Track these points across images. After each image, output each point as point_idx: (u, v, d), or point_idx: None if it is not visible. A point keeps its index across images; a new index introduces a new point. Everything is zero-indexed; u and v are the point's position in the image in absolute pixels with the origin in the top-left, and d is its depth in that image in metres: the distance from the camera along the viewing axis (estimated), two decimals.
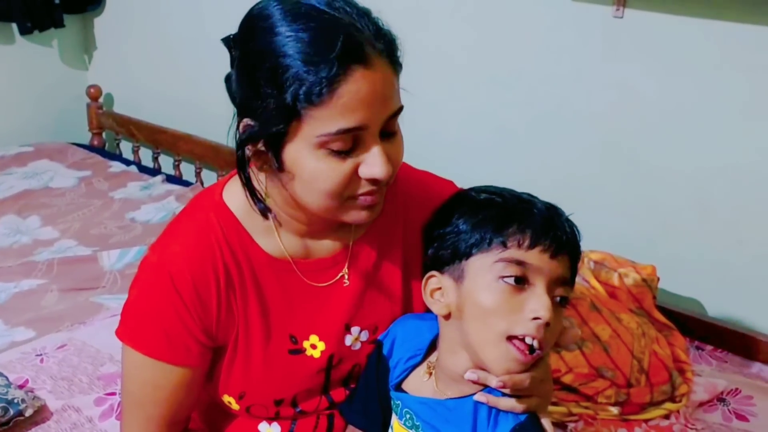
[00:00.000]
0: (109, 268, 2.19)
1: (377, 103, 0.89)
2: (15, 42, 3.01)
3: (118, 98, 3.21)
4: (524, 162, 2.12)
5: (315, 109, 0.88)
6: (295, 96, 0.87)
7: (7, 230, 2.41)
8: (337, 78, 0.87)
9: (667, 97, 1.88)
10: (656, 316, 1.82)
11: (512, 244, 0.93)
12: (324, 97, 0.87)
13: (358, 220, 0.97)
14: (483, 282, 0.94)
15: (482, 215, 0.97)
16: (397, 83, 0.93)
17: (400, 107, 0.93)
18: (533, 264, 0.93)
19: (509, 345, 0.92)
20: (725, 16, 1.75)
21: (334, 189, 0.92)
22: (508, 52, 2.11)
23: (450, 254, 0.98)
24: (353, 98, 0.88)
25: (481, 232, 0.95)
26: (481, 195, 1.01)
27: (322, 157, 0.91)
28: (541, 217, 0.95)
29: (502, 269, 0.93)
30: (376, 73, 0.89)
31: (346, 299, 1.07)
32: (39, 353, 1.75)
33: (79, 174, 2.81)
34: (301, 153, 0.91)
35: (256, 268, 1.03)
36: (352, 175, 0.92)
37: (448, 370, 0.99)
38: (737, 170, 1.82)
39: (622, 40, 1.91)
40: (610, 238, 1.96)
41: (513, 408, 0.95)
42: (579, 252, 0.98)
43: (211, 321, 1.02)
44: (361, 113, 0.88)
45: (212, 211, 1.03)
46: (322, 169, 0.91)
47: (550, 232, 0.94)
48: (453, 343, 0.98)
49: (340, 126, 0.88)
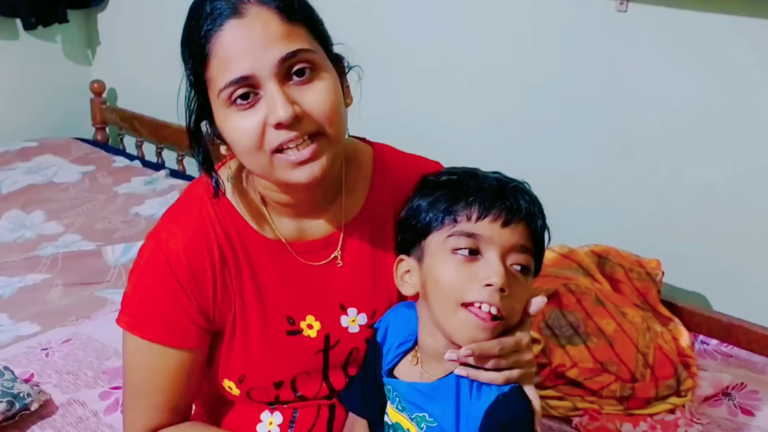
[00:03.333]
0: (114, 262, 2.19)
1: (259, 48, 0.92)
2: (19, 37, 3.01)
3: (122, 93, 3.21)
4: (529, 157, 2.11)
5: (208, 70, 0.94)
6: (192, 65, 0.95)
7: (12, 225, 2.42)
8: (212, 32, 0.92)
9: (671, 93, 1.87)
10: (661, 310, 1.82)
11: (462, 218, 0.96)
12: (208, 54, 0.93)
13: (298, 178, 0.96)
14: (439, 258, 0.97)
15: (437, 195, 1.00)
16: (290, 28, 0.94)
17: (294, 50, 0.93)
18: (483, 234, 0.95)
19: (465, 310, 0.94)
20: (730, 9, 1.74)
21: (248, 143, 0.94)
22: (509, 45, 2.11)
23: (412, 236, 1.02)
24: (230, 48, 0.92)
25: (435, 210, 0.99)
26: (441, 176, 1.04)
27: (232, 114, 0.95)
28: (491, 189, 0.98)
29: (454, 243, 0.96)
30: (252, 21, 0.92)
31: (340, 279, 1.09)
32: (44, 347, 1.76)
33: (83, 169, 2.82)
34: (219, 117, 0.96)
35: (251, 249, 1.05)
36: (264, 127, 0.93)
37: (429, 351, 1.01)
38: (742, 164, 1.82)
39: (625, 34, 1.90)
40: (615, 232, 1.96)
41: (493, 380, 0.96)
42: (537, 220, 0.99)
43: (208, 302, 1.03)
44: (242, 62, 0.92)
45: (206, 195, 1.04)
46: (235, 126, 0.95)
47: (498, 202, 0.96)
48: (427, 324, 1.01)
49: (227, 78, 0.93)
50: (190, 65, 0.96)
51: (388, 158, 1.14)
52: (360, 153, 1.13)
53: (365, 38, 1.75)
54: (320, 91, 0.95)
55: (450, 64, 2.23)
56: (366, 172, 1.12)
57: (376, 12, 2.32)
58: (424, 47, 2.27)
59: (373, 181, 1.11)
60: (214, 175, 1.03)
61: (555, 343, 1.63)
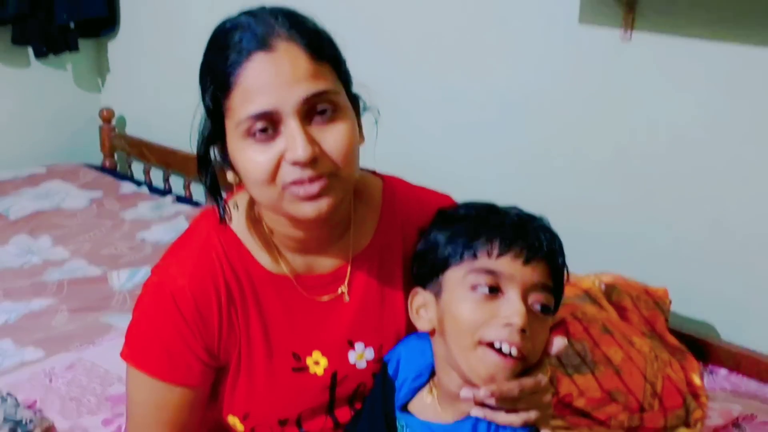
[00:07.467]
0: (119, 288, 2.19)
1: (285, 85, 0.91)
2: (30, 65, 3.05)
3: (131, 120, 3.24)
4: (533, 185, 2.11)
5: (229, 100, 0.93)
6: (212, 92, 0.94)
7: (19, 250, 2.42)
8: (239, 63, 0.91)
9: (677, 121, 1.87)
10: (669, 339, 1.81)
11: (482, 254, 0.94)
12: (232, 85, 0.92)
13: (305, 213, 0.95)
14: (458, 294, 0.95)
15: (455, 229, 0.99)
16: (317, 67, 0.93)
17: (320, 91, 0.92)
18: (504, 272, 0.93)
19: (485, 348, 0.92)
20: (734, 38, 1.74)
21: (261, 176, 0.93)
22: (515, 75, 2.12)
23: (429, 269, 1.00)
24: (256, 81, 0.91)
25: (454, 245, 0.97)
26: (459, 210, 1.03)
27: (249, 146, 0.94)
28: (511, 225, 0.96)
29: (474, 279, 0.94)
30: (281, 57, 0.91)
31: (347, 314, 1.07)
32: (48, 373, 1.75)
33: (90, 195, 2.83)
34: (234, 146, 0.96)
35: (257, 285, 1.04)
36: (279, 161, 0.93)
37: (445, 389, 0.99)
38: (750, 192, 1.81)
39: (630, 63, 1.91)
40: (621, 260, 1.95)
41: (510, 422, 0.94)
42: (558, 258, 0.98)
43: (213, 338, 1.02)
44: (266, 96, 0.91)
45: (213, 229, 1.04)
46: (250, 158, 0.94)
47: (520, 239, 0.94)
48: (443, 361, 0.99)
49: (250, 111, 0.92)
50: (210, 92, 0.95)
51: (397, 191, 1.12)
52: (369, 186, 1.12)
53: (378, 70, 1.76)
54: (340, 132, 0.94)
55: (457, 93, 2.24)
56: (375, 206, 1.11)
57: (384, 41, 2.34)
58: (430, 77, 2.28)
59: (382, 215, 1.10)
60: (220, 200, 1.02)
61: (562, 372, 1.62)
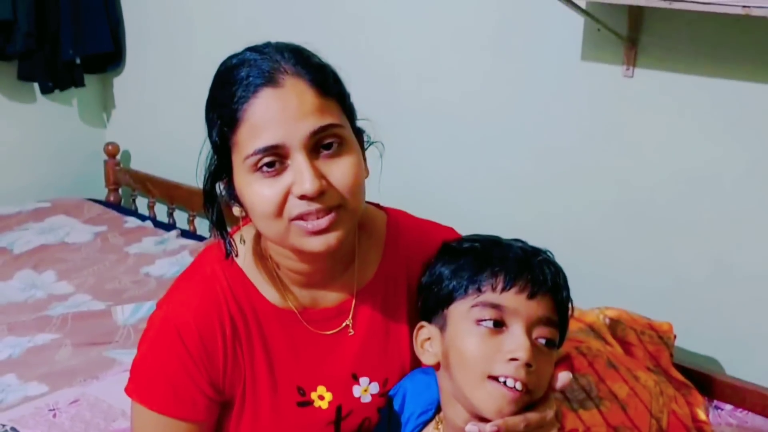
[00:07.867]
0: (123, 322, 2.19)
1: (292, 120, 0.93)
2: (36, 100, 3.07)
3: (135, 155, 3.26)
4: (537, 220, 2.12)
5: (236, 135, 0.95)
6: (219, 127, 0.96)
7: (23, 285, 2.43)
8: (247, 99, 0.93)
9: (679, 156, 1.89)
10: (673, 374, 1.80)
11: (486, 288, 0.95)
12: (239, 120, 0.94)
13: (313, 247, 0.96)
14: (462, 328, 0.96)
15: (460, 263, 0.99)
16: (323, 102, 0.95)
17: (326, 125, 0.94)
18: (509, 306, 0.94)
19: (492, 382, 0.92)
20: (737, 75, 1.77)
21: (268, 210, 0.94)
22: (518, 112, 2.14)
23: (434, 303, 1.01)
24: (264, 116, 0.93)
25: (459, 278, 0.98)
26: (463, 243, 1.03)
27: (256, 180, 0.95)
28: (516, 259, 0.97)
29: (478, 313, 0.94)
30: (288, 92, 0.93)
31: (352, 348, 1.08)
32: (52, 408, 1.75)
33: (95, 229, 2.84)
34: (241, 181, 0.97)
35: (262, 319, 1.04)
36: (287, 195, 0.94)
37: (451, 423, 0.99)
38: (753, 227, 1.82)
39: (632, 99, 1.93)
40: (626, 295, 1.95)
41: None
42: (562, 292, 0.98)
43: (218, 373, 1.02)
44: (274, 130, 0.92)
45: (218, 264, 1.04)
46: (257, 192, 0.95)
47: (524, 274, 0.95)
48: (449, 395, 0.99)
49: (257, 145, 0.93)
50: (217, 127, 0.97)
51: (401, 224, 1.14)
52: (373, 219, 1.13)
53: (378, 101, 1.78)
54: (346, 165, 0.96)
55: (453, 128, 2.26)
56: (379, 239, 1.12)
57: (387, 77, 2.37)
58: (433, 113, 2.30)
59: (386, 248, 1.11)
60: (226, 235, 1.03)
61: (567, 407, 1.61)
